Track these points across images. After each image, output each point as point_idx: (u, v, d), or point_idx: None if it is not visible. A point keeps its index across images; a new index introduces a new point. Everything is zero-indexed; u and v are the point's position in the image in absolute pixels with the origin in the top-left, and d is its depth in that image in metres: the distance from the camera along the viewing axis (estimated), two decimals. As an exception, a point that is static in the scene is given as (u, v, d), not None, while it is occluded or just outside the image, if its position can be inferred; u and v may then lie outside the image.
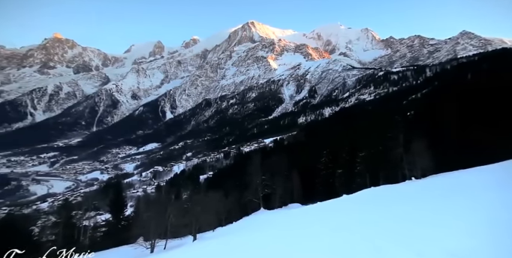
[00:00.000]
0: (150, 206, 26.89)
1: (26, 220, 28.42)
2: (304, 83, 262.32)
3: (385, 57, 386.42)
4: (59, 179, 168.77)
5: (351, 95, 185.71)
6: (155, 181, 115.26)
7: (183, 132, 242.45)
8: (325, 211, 14.61)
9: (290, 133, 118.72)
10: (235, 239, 12.22)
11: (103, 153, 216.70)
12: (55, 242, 25.05)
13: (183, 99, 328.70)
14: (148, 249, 18.49)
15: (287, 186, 30.29)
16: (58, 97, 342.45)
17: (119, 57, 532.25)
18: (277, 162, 31.10)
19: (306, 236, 8.96)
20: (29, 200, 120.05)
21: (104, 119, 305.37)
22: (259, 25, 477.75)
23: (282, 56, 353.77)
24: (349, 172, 29.85)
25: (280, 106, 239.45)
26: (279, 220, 16.46)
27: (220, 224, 25.83)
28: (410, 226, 7.22)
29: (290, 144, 68.27)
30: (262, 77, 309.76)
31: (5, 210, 78.06)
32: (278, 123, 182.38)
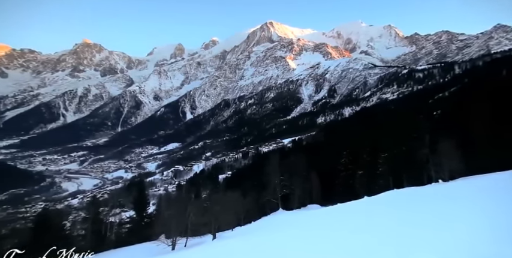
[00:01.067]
0: (171, 204, 27.70)
1: (59, 215, 30.21)
2: (323, 83, 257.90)
3: (409, 55, 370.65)
4: (87, 176, 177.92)
5: (373, 94, 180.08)
6: (176, 180, 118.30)
7: (202, 132, 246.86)
8: (345, 213, 14.30)
9: (309, 133, 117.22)
10: (254, 239, 12.28)
11: (127, 152, 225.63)
12: (85, 236, 26.51)
13: (203, 99, 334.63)
14: (169, 246, 19.02)
15: (305, 186, 29.96)
16: (87, 99, 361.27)
17: (142, 60, 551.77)
18: (295, 163, 30.87)
19: (325, 237, 8.83)
20: (61, 196, 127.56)
21: (128, 119, 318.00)
22: (277, 25, 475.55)
23: (301, 56, 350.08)
24: (370, 173, 29.01)
25: (299, 106, 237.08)
26: (298, 221, 16.32)
27: (239, 224, 26.02)
28: (436, 231, 6.90)
29: (309, 144, 67.48)
30: (281, 77, 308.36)
31: (41, 205, 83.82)
32: (296, 123, 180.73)
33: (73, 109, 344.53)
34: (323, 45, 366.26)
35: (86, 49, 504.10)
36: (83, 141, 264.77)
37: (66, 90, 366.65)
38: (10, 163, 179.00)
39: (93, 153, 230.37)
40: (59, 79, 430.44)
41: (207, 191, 50.08)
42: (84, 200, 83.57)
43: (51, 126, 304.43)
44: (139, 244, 24.16)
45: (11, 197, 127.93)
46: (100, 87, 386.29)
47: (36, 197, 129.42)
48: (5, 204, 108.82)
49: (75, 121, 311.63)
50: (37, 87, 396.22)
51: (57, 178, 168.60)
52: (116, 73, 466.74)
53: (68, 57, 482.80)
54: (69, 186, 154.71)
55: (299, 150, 55.14)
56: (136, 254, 19.91)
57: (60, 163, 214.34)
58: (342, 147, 36.17)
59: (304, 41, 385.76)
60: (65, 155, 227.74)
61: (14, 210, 59.73)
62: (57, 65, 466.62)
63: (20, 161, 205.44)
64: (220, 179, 75.14)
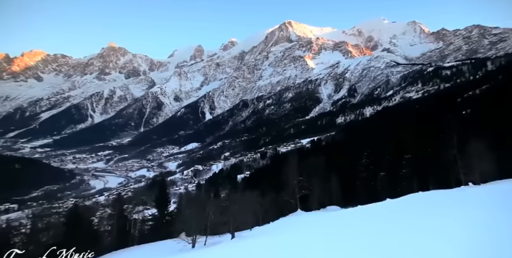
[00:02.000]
0: (191, 203, 28.32)
1: (88, 211, 31.83)
2: (343, 82, 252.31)
3: (436, 52, 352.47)
4: (113, 175, 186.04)
5: (395, 93, 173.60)
6: (195, 179, 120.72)
7: (221, 132, 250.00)
8: (366, 215, 13.89)
9: (328, 133, 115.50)
10: (273, 239, 12.25)
11: (149, 152, 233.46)
12: (111, 232, 27.77)
13: (221, 100, 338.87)
14: (190, 244, 19.42)
15: (325, 187, 29.43)
16: (112, 100, 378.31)
17: (163, 62, 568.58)
18: (314, 163, 30.46)
19: (344, 240, 8.63)
20: (89, 193, 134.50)
21: (150, 120, 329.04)
22: (296, 24, 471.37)
23: (320, 55, 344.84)
24: (393, 175, 27.99)
25: (318, 106, 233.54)
26: (317, 222, 16.07)
27: (258, 224, 26.05)
28: (464, 239, 6.51)
29: (328, 144, 66.28)
30: (299, 76, 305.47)
31: (72, 201, 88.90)
32: (315, 123, 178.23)
33: (100, 110, 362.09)
34: (343, 43, 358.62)
35: (112, 53, 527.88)
36: (109, 141, 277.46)
37: (94, 93, 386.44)
38: (45, 161, 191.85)
39: (118, 152, 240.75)
40: (87, 82, 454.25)
41: (225, 191, 50.58)
42: (110, 197, 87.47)
43: (80, 127, 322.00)
44: (161, 241, 24.86)
45: (46, 193, 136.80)
46: (124, 89, 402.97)
47: (68, 194, 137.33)
48: (41, 200, 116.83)
49: (101, 122, 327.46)
50: (68, 90, 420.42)
51: (85, 176, 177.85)
52: (138, 75, 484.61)
53: (96, 60, 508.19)
54: (96, 184, 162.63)
55: (318, 150, 54.31)
56: (158, 250, 20.53)
57: (88, 162, 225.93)
58: (362, 148, 35.19)
59: (324, 39, 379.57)
60: (93, 154, 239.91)
61: (49, 205, 64.08)
62: (86, 69, 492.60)
63: (53, 159, 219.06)
64: (238, 179, 75.61)
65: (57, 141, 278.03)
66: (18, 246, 18.35)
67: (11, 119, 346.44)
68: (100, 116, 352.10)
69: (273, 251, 9.38)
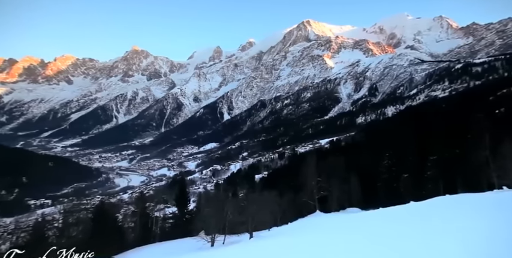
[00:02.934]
0: (210, 202, 28.71)
1: (113, 208, 33.29)
2: (363, 81, 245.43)
3: (465, 47, 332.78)
4: (136, 173, 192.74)
5: (420, 92, 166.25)
6: (214, 179, 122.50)
7: (239, 132, 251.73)
8: (388, 218, 13.44)
9: (347, 134, 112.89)
10: (292, 240, 12.19)
11: (170, 151, 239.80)
12: (134, 229, 28.88)
13: (239, 100, 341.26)
14: (209, 243, 19.76)
15: (344, 189, 28.80)
16: (135, 102, 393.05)
17: (183, 64, 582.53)
18: (333, 164, 29.91)
19: (365, 243, 8.41)
20: (114, 191, 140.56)
21: (170, 120, 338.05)
22: (315, 23, 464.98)
23: (339, 54, 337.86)
24: (417, 177, 26.87)
25: (337, 106, 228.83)
26: (337, 224, 15.77)
27: (276, 224, 26.01)
28: (496, 246, 6.12)
29: (348, 145, 64.80)
30: (318, 76, 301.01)
31: (99, 198, 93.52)
32: (334, 123, 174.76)
33: (123, 111, 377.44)
34: (363, 41, 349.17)
35: (135, 55, 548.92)
36: (132, 141, 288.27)
37: (118, 94, 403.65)
38: (74, 160, 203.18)
39: (140, 152, 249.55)
40: (112, 84, 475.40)
41: (243, 190, 50.91)
42: (133, 195, 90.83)
43: (106, 127, 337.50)
44: (181, 239, 25.46)
45: (76, 190, 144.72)
46: (146, 90, 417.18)
47: (95, 191, 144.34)
48: (71, 196, 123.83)
49: (125, 122, 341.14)
50: (95, 92, 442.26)
51: (111, 174, 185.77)
52: (160, 77, 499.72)
53: (120, 63, 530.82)
54: (120, 182, 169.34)
55: (337, 151, 53.25)
56: (179, 248, 21.04)
57: (113, 160, 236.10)
58: (384, 149, 34.07)
59: (343, 38, 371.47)
60: (117, 153, 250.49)
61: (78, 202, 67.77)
62: (111, 71, 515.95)
63: (81, 158, 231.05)
64: (256, 179, 75.81)
65: (85, 140, 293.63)
66: (51, 239, 19.60)
67: (45, 120, 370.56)
68: (124, 116, 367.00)
69: (292, 252, 9.34)
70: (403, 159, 30.04)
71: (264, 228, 24.21)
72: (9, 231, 37.74)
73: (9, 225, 59.25)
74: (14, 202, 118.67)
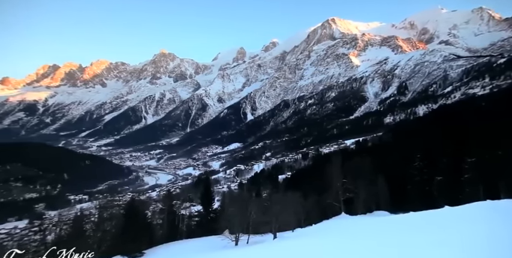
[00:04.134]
0: (234, 201, 29.09)
1: (142, 205, 34.88)
2: (391, 79, 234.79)
3: (510, 41, 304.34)
4: (163, 172, 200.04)
5: (455, 90, 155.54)
6: (238, 178, 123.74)
7: (262, 132, 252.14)
8: (420, 223, 12.75)
9: (374, 134, 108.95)
10: (316, 241, 12.03)
11: (195, 151, 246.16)
12: (162, 225, 30.09)
13: (263, 101, 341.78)
14: (233, 241, 20.07)
15: (371, 191, 27.73)
16: (162, 103, 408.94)
17: (207, 65, 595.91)
18: (360, 165, 28.90)
19: (396, 249, 8.08)
20: (143, 189, 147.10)
21: (195, 121, 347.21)
22: (340, 21, 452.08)
23: (366, 51, 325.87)
24: (452, 180, 25.19)
25: (363, 105, 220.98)
26: (364, 227, 15.27)
27: (300, 225, 25.74)
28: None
29: (375, 145, 62.36)
30: (343, 75, 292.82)
31: (129, 195, 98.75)
32: (360, 123, 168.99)
33: (152, 112, 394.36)
34: (392, 38, 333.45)
35: (162, 58, 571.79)
36: (160, 141, 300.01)
37: (147, 96, 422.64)
38: (108, 158, 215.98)
39: (167, 151, 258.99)
40: (142, 86, 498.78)
41: (267, 191, 50.90)
42: (160, 193, 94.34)
43: (136, 127, 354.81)
44: (206, 237, 26.04)
45: (109, 187, 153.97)
46: (173, 92, 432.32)
47: (126, 188, 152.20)
48: (105, 192, 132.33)
49: (153, 123, 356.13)
50: (126, 94, 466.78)
51: (140, 173, 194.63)
52: (185, 78, 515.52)
53: (149, 66, 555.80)
54: (149, 180, 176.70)
55: (364, 151, 51.43)
56: (204, 246, 21.56)
57: (142, 159, 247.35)
58: (415, 150, 32.33)
59: (370, 35, 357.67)
60: (146, 153, 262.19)
61: (112, 198, 72.23)
62: (141, 74, 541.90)
63: (114, 157, 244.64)
64: (280, 179, 75.41)
65: (117, 140, 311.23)
66: (89, 232, 21.09)
67: (82, 121, 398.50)
68: (152, 117, 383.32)
69: (317, 254, 9.23)
70: (436, 161, 28.32)
71: (287, 229, 24.08)
72: (54, 223, 41.12)
73: (54, 218, 64.48)
74: (57, 197, 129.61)
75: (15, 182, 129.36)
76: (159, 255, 21.04)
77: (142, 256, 21.17)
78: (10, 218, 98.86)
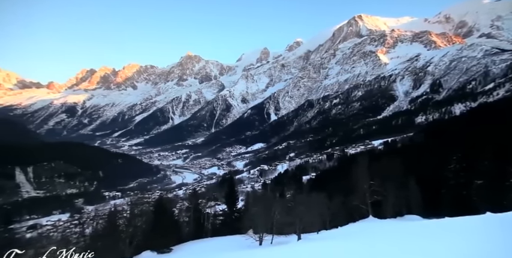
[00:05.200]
0: (258, 201, 29.19)
1: (170, 202, 36.25)
2: (424, 77, 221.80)
3: None
4: (189, 171, 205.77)
5: (498, 86, 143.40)
6: (261, 179, 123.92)
7: (286, 132, 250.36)
8: (457, 229, 11.89)
9: (405, 134, 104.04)
10: (342, 245, 11.69)
11: (219, 151, 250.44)
12: (188, 223, 31.02)
13: (286, 101, 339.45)
14: (257, 241, 20.14)
15: (401, 194, 26.34)
16: (188, 104, 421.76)
17: (232, 66, 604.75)
18: (388, 167, 27.52)
19: (427, 256, 7.61)
20: (171, 187, 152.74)
21: (220, 121, 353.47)
22: (367, 18, 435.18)
23: (395, 48, 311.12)
24: (495, 184, 23.22)
25: (392, 104, 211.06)
26: (393, 231, 14.55)
27: (325, 227, 25.20)
28: None
29: (405, 146, 59.28)
30: (370, 73, 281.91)
31: (158, 193, 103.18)
32: (389, 123, 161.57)
33: (178, 113, 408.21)
34: (424, 33, 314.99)
35: (189, 60, 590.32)
36: (186, 141, 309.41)
37: (174, 97, 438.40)
38: (138, 157, 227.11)
39: (193, 151, 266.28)
40: (169, 88, 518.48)
41: (291, 191, 50.52)
42: (187, 192, 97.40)
43: (164, 128, 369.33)
44: (230, 236, 26.39)
45: (140, 184, 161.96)
46: (198, 93, 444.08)
47: (155, 186, 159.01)
48: (136, 190, 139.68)
49: (179, 123, 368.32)
50: (155, 96, 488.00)
51: (168, 171, 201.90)
52: (210, 80, 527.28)
53: (176, 69, 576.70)
54: (176, 179, 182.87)
55: (393, 153, 49.12)
56: (229, 244, 21.88)
57: (169, 159, 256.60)
58: (450, 151, 30.27)
59: (400, 31, 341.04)
60: (173, 152, 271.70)
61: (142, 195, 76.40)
62: (168, 76, 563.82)
63: (144, 156, 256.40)
64: (304, 180, 74.48)
65: (147, 140, 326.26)
66: (122, 227, 22.34)
67: (115, 122, 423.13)
68: (179, 118, 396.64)
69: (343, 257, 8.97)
70: (476, 163, 26.27)
71: (312, 231, 23.70)
72: (91, 217, 44.31)
73: (91, 213, 69.38)
74: (93, 193, 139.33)
75: (59, 178, 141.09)
76: (186, 251, 21.67)
77: (170, 252, 21.92)
78: (55, 211, 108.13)
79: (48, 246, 13.10)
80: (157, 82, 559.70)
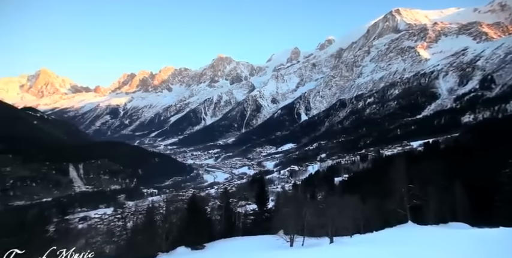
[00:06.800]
0: (288, 202, 28.88)
1: (203, 201, 37.42)
2: (472, 72, 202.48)
3: None
4: (220, 171, 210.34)
5: None
6: (292, 179, 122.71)
7: (316, 133, 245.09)
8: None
9: (448, 135, 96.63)
10: (379, 251, 11.12)
11: (249, 151, 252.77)
12: (220, 221, 31.77)
13: (317, 100, 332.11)
14: (288, 242, 19.96)
15: (445, 199, 24.28)
16: (219, 105, 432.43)
17: (262, 67, 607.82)
18: (430, 169, 25.56)
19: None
20: (203, 186, 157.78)
21: (250, 121, 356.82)
22: (405, 11, 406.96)
23: (438, 43, 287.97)
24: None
25: (434, 103, 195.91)
26: (438, 240, 13.46)
27: (358, 231, 24.20)
28: None
29: (449, 148, 54.45)
30: (409, 70, 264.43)
31: (191, 191, 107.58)
32: (430, 123, 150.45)
33: (210, 114, 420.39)
34: (473, 24, 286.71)
35: (220, 62, 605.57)
36: (217, 141, 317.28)
37: (206, 98, 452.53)
38: (173, 157, 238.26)
39: (224, 151, 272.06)
40: (201, 89, 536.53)
41: (322, 193, 49.31)
42: (218, 191, 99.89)
43: (196, 128, 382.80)
44: (261, 236, 26.40)
45: (174, 183, 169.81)
46: (229, 94, 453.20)
47: (188, 185, 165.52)
48: (170, 188, 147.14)
49: (211, 124, 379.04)
50: (188, 97, 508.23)
51: (200, 170, 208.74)
52: (241, 80, 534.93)
53: (208, 70, 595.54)
54: (208, 178, 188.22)
55: (434, 154, 45.47)
56: (260, 244, 21.88)
57: (202, 158, 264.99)
58: (505, 154, 27.26)
59: (444, 23, 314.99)
60: (205, 152, 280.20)
61: (176, 193, 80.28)
62: (200, 78, 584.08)
63: (178, 155, 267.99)
64: (336, 182, 72.32)
65: (181, 140, 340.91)
66: (158, 223, 23.63)
67: (152, 123, 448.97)
68: (210, 118, 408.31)
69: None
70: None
71: (345, 234, 22.89)
72: (132, 212, 47.56)
73: (131, 208, 74.57)
74: (133, 189, 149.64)
75: (104, 175, 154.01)
76: (218, 249, 22.18)
77: (203, 249, 22.62)
78: (101, 205, 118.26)
79: (96, 236, 14.49)
80: (190, 84, 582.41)
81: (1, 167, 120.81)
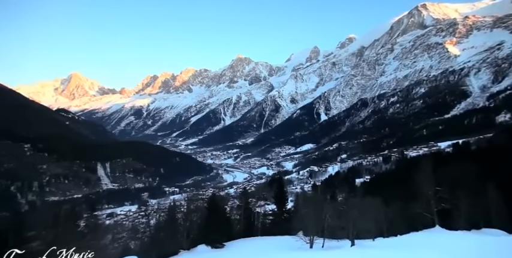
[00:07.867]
0: (307, 203, 28.52)
1: (222, 200, 37.90)
2: (508, 68, 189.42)
3: None
4: (239, 171, 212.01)
5: None
6: (311, 180, 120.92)
7: (337, 133, 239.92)
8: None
9: (481, 135, 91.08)
10: (404, 256, 10.68)
11: (268, 151, 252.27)
12: (239, 221, 32.04)
13: (337, 100, 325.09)
14: (307, 244, 19.71)
15: (477, 203, 22.84)
16: (238, 105, 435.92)
17: (281, 67, 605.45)
18: (459, 172, 24.16)
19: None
20: (222, 185, 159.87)
21: (269, 121, 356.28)
22: (432, 6, 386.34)
23: (469, 38, 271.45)
24: None
25: (464, 101, 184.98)
26: (469, 247, 12.68)
27: (381, 234, 23.38)
28: None
29: (481, 149, 51.19)
30: (436, 67, 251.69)
31: (211, 190, 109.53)
32: (460, 122, 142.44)
33: (229, 114, 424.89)
34: (510, 16, 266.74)
35: (239, 63, 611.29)
36: (236, 141, 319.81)
37: (225, 99, 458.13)
38: (193, 156, 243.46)
39: (243, 151, 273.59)
40: (221, 90, 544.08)
41: (342, 194, 48.13)
42: (237, 190, 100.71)
43: (216, 129, 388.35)
44: (280, 236, 26.29)
45: (195, 182, 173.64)
46: (248, 94, 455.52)
47: (208, 184, 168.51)
48: (191, 187, 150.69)
49: (230, 124, 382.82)
50: (208, 98, 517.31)
51: (219, 170, 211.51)
52: (259, 81, 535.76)
53: (227, 71, 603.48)
54: (227, 178, 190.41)
55: (465, 156, 42.93)
56: (279, 245, 21.82)
57: (221, 158, 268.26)
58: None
59: (476, 17, 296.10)
60: (224, 152, 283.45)
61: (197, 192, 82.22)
62: (220, 79, 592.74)
63: (198, 155, 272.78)
64: (357, 183, 70.56)
65: (201, 140, 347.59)
66: (180, 221, 24.27)
67: (173, 123, 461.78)
68: (229, 119, 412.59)
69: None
70: None
71: (367, 237, 22.23)
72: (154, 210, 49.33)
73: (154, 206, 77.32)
74: (156, 188, 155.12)
75: (129, 173, 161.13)
76: (238, 248, 22.37)
77: (223, 248, 22.92)
78: (126, 203, 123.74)
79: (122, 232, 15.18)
80: (210, 85, 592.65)
81: (38, 164, 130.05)
